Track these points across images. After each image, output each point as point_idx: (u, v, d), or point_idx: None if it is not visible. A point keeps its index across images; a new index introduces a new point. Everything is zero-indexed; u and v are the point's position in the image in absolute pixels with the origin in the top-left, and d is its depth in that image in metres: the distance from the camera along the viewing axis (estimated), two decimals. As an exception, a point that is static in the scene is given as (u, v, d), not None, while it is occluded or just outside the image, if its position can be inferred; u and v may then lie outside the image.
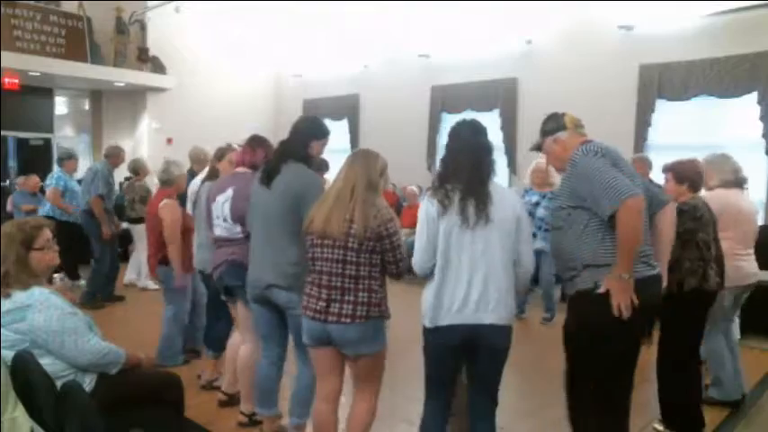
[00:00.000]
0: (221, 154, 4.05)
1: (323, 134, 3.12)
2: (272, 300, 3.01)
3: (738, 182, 3.96)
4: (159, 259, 4.38)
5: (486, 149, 2.54)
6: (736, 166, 3.99)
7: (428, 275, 2.49)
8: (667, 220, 2.88)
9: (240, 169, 3.51)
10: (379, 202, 2.60)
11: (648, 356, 3.69)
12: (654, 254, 2.62)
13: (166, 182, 4.44)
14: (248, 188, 3.23)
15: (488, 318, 2.42)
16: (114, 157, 6.74)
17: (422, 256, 2.47)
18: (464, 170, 2.46)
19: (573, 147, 2.59)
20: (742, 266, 3.84)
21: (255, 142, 3.53)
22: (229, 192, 3.39)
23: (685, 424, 3.49)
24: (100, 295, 6.37)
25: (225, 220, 3.41)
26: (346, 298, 2.54)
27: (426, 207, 2.49)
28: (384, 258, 2.58)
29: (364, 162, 2.66)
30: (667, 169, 3.62)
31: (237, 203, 3.32)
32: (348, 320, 2.52)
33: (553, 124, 2.72)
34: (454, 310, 2.42)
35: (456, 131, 2.59)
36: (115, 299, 6.58)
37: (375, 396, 2.74)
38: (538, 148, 2.82)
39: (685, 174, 3.53)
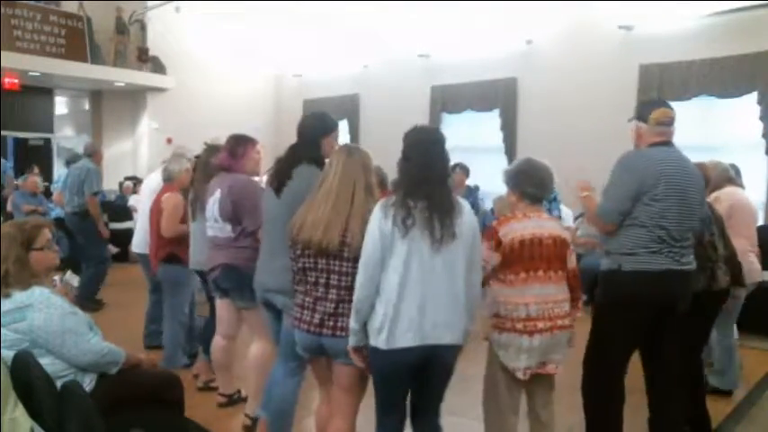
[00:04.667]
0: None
1: (330, 128, 2.93)
2: (272, 303, 2.95)
3: (736, 180, 4.03)
4: (163, 257, 4.33)
5: (448, 161, 2.41)
6: (727, 167, 4.13)
7: (371, 295, 2.28)
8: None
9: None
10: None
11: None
12: None
13: (167, 179, 4.47)
14: (232, 187, 3.32)
15: (447, 337, 2.28)
16: (98, 154, 6.65)
17: (369, 272, 2.24)
18: (429, 184, 2.28)
19: (645, 142, 2.85)
20: (754, 264, 3.95)
21: (225, 143, 3.56)
22: (217, 194, 3.42)
23: (691, 420, 3.48)
24: (88, 302, 6.01)
25: (216, 220, 3.43)
26: (340, 310, 2.41)
27: (379, 223, 2.25)
28: None
29: (362, 162, 2.46)
30: None
31: (224, 204, 3.35)
32: (344, 333, 2.39)
33: (642, 112, 2.92)
34: (413, 329, 2.23)
35: (418, 139, 2.38)
36: (97, 302, 6.38)
37: (355, 413, 2.59)
38: (630, 121, 3.04)
39: None
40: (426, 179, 2.30)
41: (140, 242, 4.92)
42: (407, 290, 2.24)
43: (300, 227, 2.44)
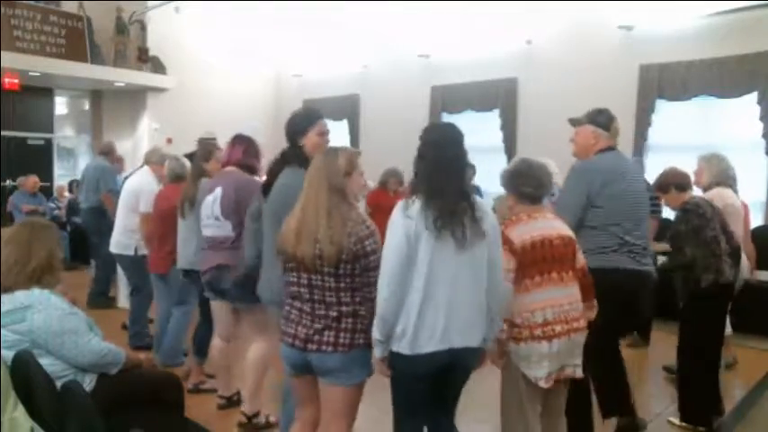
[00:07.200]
0: (208, 155, 4.02)
1: (306, 125, 2.84)
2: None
3: (730, 182, 4.04)
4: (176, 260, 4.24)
5: (466, 158, 2.34)
6: (730, 166, 4.09)
7: (397, 304, 2.20)
8: None
9: (227, 168, 3.55)
10: (355, 215, 2.32)
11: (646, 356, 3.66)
12: None
13: (179, 177, 4.41)
14: (237, 185, 3.33)
15: (472, 341, 2.25)
16: (113, 153, 6.79)
17: (395, 278, 2.16)
18: (453, 184, 2.24)
19: (599, 146, 3.06)
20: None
21: (235, 140, 3.60)
22: (218, 191, 3.42)
23: (704, 415, 3.51)
24: (101, 299, 6.33)
25: (216, 218, 3.42)
26: (329, 325, 2.31)
27: (404, 224, 2.19)
28: (370, 278, 2.27)
29: (321, 165, 2.36)
30: (654, 189, 3.87)
31: (227, 201, 3.36)
32: (330, 349, 2.29)
33: (603, 120, 3.11)
34: (438, 335, 2.18)
35: (436, 140, 2.34)
36: (109, 299, 6.50)
37: None
38: (576, 124, 3.21)
39: (665, 181, 3.74)
40: (447, 178, 2.24)
41: (118, 243, 4.92)
42: (432, 293, 2.19)
43: (281, 237, 2.38)
